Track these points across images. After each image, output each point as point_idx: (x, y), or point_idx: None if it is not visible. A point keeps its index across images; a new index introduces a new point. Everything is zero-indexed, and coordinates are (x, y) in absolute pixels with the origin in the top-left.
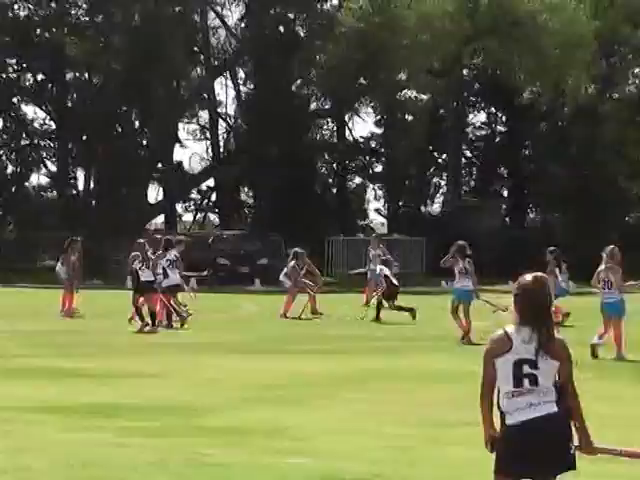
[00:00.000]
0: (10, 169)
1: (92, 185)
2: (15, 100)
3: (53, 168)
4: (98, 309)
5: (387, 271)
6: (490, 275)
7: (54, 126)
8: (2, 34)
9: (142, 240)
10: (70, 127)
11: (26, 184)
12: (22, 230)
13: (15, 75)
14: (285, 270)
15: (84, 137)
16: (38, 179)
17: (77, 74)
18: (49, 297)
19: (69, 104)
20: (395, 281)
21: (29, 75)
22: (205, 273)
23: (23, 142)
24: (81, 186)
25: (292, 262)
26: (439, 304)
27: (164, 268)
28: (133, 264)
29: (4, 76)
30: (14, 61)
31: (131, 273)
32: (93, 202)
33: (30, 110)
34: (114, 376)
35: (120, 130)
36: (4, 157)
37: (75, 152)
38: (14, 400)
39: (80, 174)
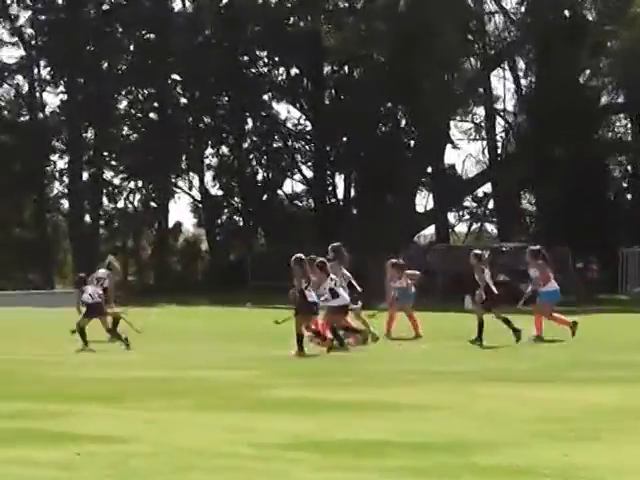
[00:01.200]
0: (261, 175)
1: (352, 192)
2: (266, 97)
3: (309, 173)
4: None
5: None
6: None
7: (309, 126)
8: (251, 23)
9: (302, 256)
10: (328, 127)
11: (279, 192)
12: (274, 243)
13: (266, 69)
14: None
15: (344, 138)
16: (292, 186)
17: (335, 67)
18: None
19: (326, 101)
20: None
21: (282, 69)
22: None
23: (275, 145)
24: (340, 193)
25: None
26: None
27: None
28: (300, 284)
29: (254, 71)
30: (265, 54)
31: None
32: (354, 211)
33: (283, 108)
34: (375, 408)
35: (384, 130)
36: (254, 161)
37: (333, 155)
38: (267, 435)
39: (339, 180)
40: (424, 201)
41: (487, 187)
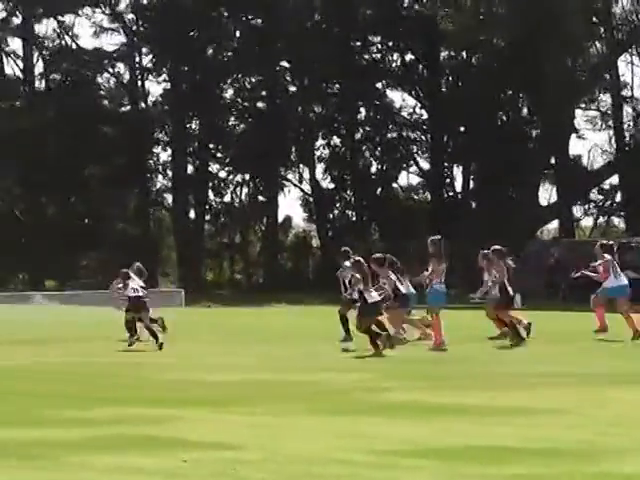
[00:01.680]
0: (375, 167)
1: (472, 185)
2: (380, 85)
3: (425, 165)
4: (471, 332)
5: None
6: None
7: (426, 115)
8: (364, 7)
9: (360, 259)
10: (445, 116)
11: (394, 184)
12: (390, 239)
13: (379, 56)
14: None
15: (462, 128)
16: (408, 178)
17: (452, 53)
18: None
19: (444, 89)
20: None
21: (396, 55)
22: None
23: (390, 135)
24: (459, 186)
25: None
26: None
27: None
28: (355, 285)
29: (366, 57)
30: (378, 39)
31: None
32: (473, 205)
33: (397, 96)
34: (497, 413)
35: (505, 119)
36: (368, 153)
37: (451, 146)
38: (383, 441)
39: (457, 172)
40: (547, 194)
41: (614, 179)
